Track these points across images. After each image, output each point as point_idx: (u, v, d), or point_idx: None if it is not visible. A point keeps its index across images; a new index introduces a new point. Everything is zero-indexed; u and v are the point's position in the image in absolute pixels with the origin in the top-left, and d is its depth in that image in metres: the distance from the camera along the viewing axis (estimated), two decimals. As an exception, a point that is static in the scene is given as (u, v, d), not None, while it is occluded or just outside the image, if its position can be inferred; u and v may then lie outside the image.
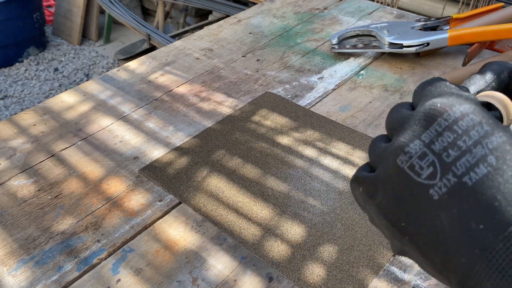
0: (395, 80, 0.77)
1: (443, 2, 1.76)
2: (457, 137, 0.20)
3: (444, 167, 0.20)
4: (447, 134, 0.21)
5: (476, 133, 0.20)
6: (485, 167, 0.19)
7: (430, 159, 0.21)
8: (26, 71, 2.67)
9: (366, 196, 0.24)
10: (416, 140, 0.22)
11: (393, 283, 0.45)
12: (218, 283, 0.45)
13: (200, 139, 0.63)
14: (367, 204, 0.24)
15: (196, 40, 0.90)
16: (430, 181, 0.20)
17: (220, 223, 0.51)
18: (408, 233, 0.22)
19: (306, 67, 0.81)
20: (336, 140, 0.63)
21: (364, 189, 0.24)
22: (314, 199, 0.53)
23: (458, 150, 0.20)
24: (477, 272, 0.19)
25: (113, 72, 0.80)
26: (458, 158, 0.20)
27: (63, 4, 2.93)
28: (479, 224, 0.19)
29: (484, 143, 0.20)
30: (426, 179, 0.21)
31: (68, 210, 0.53)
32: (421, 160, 0.21)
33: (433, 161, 0.21)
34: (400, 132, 0.23)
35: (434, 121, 0.21)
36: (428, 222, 0.21)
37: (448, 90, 0.23)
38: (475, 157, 0.20)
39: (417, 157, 0.21)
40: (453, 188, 0.20)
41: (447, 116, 0.21)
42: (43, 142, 0.64)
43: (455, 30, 0.77)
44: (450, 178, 0.20)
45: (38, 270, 0.46)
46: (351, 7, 1.02)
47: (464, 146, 0.20)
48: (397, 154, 0.22)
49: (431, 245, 0.21)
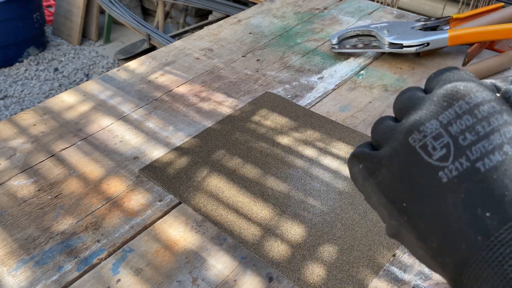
0: (395, 80, 0.77)
1: (443, 2, 1.76)
2: (477, 121, 0.20)
3: (459, 150, 0.20)
4: (467, 118, 0.20)
5: (495, 120, 0.20)
6: (500, 155, 0.19)
7: (445, 140, 0.20)
8: (26, 71, 2.67)
9: (366, 173, 0.24)
10: (433, 119, 0.21)
11: (393, 283, 0.45)
12: (218, 283, 0.45)
13: (200, 139, 0.63)
14: (366, 181, 0.24)
15: (196, 40, 0.90)
16: (441, 163, 0.20)
17: (220, 223, 0.51)
18: (408, 214, 0.21)
19: (306, 67, 0.81)
20: (336, 140, 0.63)
21: (364, 166, 0.24)
22: (314, 199, 0.53)
23: (475, 134, 0.20)
24: (476, 260, 0.18)
25: (113, 72, 0.80)
26: (474, 143, 0.20)
27: (63, 4, 2.93)
28: (485, 212, 0.19)
29: (502, 132, 0.20)
30: (438, 160, 0.20)
31: (68, 210, 0.53)
32: (436, 140, 0.21)
33: (448, 142, 0.20)
34: (414, 111, 0.22)
35: (455, 102, 0.21)
36: (432, 204, 0.20)
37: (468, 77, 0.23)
38: (492, 144, 0.19)
39: (431, 137, 0.21)
40: (464, 172, 0.20)
41: (469, 99, 0.21)
42: (43, 142, 0.64)
43: (455, 30, 0.77)
44: (463, 162, 0.20)
45: (38, 270, 0.46)
46: (351, 7, 1.02)
47: (482, 131, 0.20)
48: (410, 132, 0.21)
49: (431, 228, 0.20)
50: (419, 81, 0.76)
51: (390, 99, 0.72)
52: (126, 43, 2.94)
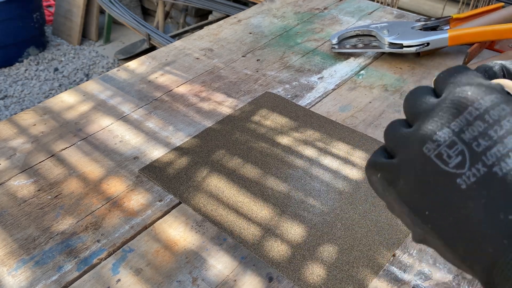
0: (395, 80, 0.77)
1: (443, 2, 1.76)
2: (488, 126, 0.20)
3: (474, 156, 0.20)
4: (478, 124, 0.20)
5: (507, 123, 0.20)
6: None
7: (460, 148, 0.20)
8: (26, 71, 2.67)
9: (385, 183, 0.24)
10: (444, 128, 0.21)
11: (393, 283, 0.45)
12: (218, 283, 0.45)
13: (200, 139, 0.63)
14: (387, 191, 0.24)
15: (196, 40, 0.90)
16: (458, 170, 0.20)
17: (220, 223, 0.51)
18: (431, 222, 0.21)
19: (306, 67, 0.81)
20: (336, 140, 0.63)
21: (382, 175, 0.24)
22: (314, 199, 0.53)
23: (489, 140, 0.20)
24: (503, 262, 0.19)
25: (113, 72, 0.80)
26: (489, 148, 0.20)
27: (63, 4, 2.93)
28: (508, 215, 0.19)
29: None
30: (454, 168, 0.20)
31: (68, 210, 0.53)
32: (450, 149, 0.21)
33: (463, 150, 0.20)
34: (426, 119, 0.22)
35: (464, 109, 0.21)
36: (454, 211, 0.20)
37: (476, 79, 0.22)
38: (507, 147, 0.19)
39: (445, 146, 0.21)
40: (482, 177, 0.20)
41: (478, 105, 0.21)
42: (43, 142, 0.64)
43: (455, 30, 0.77)
44: (479, 168, 0.20)
45: (38, 270, 0.46)
46: (351, 7, 1.02)
47: (495, 136, 0.20)
48: (424, 142, 0.21)
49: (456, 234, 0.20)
50: (419, 81, 0.76)
51: (390, 99, 0.72)
52: (126, 43, 2.94)
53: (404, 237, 0.49)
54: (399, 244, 0.48)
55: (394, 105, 0.71)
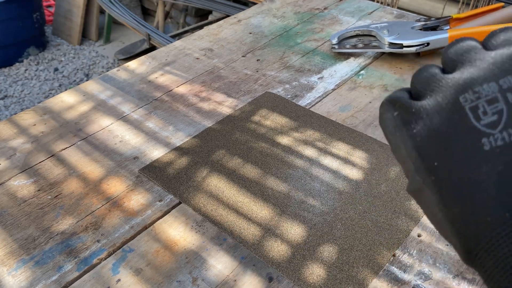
0: (395, 80, 0.77)
1: (443, 2, 1.76)
2: None
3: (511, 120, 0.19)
4: None
5: None
6: None
7: (500, 107, 0.19)
8: (26, 71, 2.67)
9: (401, 122, 0.22)
10: (492, 82, 0.19)
11: (393, 283, 0.45)
12: (218, 283, 0.45)
13: (200, 139, 0.63)
14: (398, 131, 0.22)
15: (196, 40, 0.90)
16: (489, 129, 0.19)
17: (220, 223, 0.51)
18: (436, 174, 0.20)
19: (306, 67, 0.81)
20: (336, 140, 0.63)
21: (400, 114, 0.22)
22: (314, 199, 0.53)
23: None
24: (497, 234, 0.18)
25: (113, 72, 0.80)
26: None
27: (63, 4, 2.93)
28: None
29: None
30: (485, 126, 0.19)
31: (68, 210, 0.53)
32: (490, 104, 0.19)
33: (502, 109, 0.19)
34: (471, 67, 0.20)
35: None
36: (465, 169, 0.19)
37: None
38: None
39: (485, 100, 0.19)
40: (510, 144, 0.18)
41: None
42: (43, 142, 0.64)
43: (455, 30, 0.77)
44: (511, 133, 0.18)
45: (38, 270, 0.46)
46: (351, 7, 1.02)
47: None
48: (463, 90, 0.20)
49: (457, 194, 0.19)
50: (419, 81, 0.76)
51: (390, 99, 0.72)
52: (126, 43, 2.94)
53: (404, 237, 0.49)
54: (399, 244, 0.48)
55: (394, 105, 0.71)
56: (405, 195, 0.54)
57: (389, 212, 0.52)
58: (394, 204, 0.53)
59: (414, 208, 0.52)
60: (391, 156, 0.60)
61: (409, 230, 0.50)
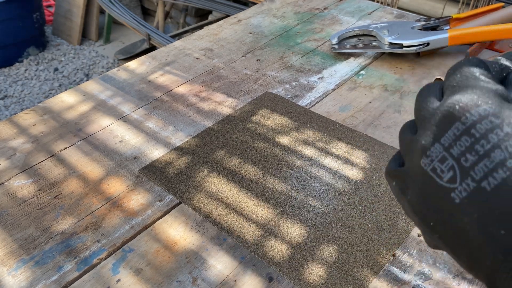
0: (395, 80, 0.77)
1: (443, 2, 1.76)
2: (475, 141, 0.20)
3: (463, 171, 0.20)
4: (465, 139, 0.20)
5: (495, 136, 0.20)
6: (504, 171, 0.19)
7: (450, 163, 0.21)
8: (26, 71, 2.67)
9: (399, 191, 0.24)
10: (436, 143, 0.21)
11: (393, 283, 0.45)
12: (218, 283, 0.45)
13: (200, 139, 0.63)
14: (400, 199, 0.24)
15: (196, 40, 0.90)
16: (451, 184, 0.20)
17: (220, 223, 0.51)
18: (437, 231, 0.22)
19: (306, 67, 0.81)
20: (336, 140, 0.63)
21: (396, 184, 0.25)
22: (314, 199, 0.53)
23: (476, 154, 0.20)
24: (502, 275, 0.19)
25: (113, 72, 0.80)
26: (476, 163, 0.20)
27: (63, 4, 2.93)
28: (499, 230, 0.19)
29: (504, 147, 0.19)
30: (448, 182, 0.21)
31: (68, 210, 0.53)
32: (442, 163, 0.21)
33: (453, 165, 0.21)
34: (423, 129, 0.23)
35: (452, 124, 0.21)
36: (453, 224, 0.21)
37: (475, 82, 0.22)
38: (493, 161, 0.19)
39: (438, 161, 0.21)
40: (472, 193, 0.20)
41: (465, 119, 0.21)
42: (43, 142, 0.64)
43: (455, 30, 0.77)
44: (469, 183, 0.20)
45: (38, 270, 0.46)
46: (351, 7, 1.02)
47: (482, 150, 0.20)
48: (420, 156, 0.22)
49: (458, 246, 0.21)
50: (419, 81, 0.76)
51: (390, 99, 0.72)
52: (126, 43, 2.94)
53: (404, 237, 0.49)
54: (399, 244, 0.48)
55: (394, 105, 0.71)
56: (405, 195, 0.54)
57: (389, 212, 0.52)
58: (394, 204, 0.53)
59: (414, 208, 0.52)
60: (391, 156, 0.60)
61: (409, 230, 0.50)
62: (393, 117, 0.68)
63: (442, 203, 0.21)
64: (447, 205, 0.21)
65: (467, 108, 0.21)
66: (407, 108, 0.70)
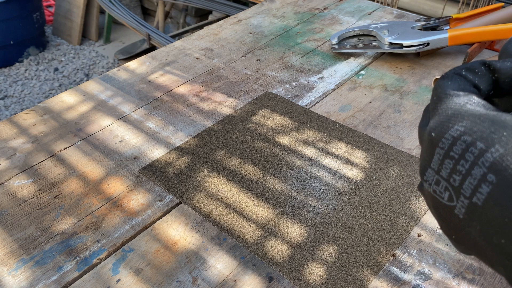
0: (395, 80, 0.77)
1: (443, 2, 1.76)
2: (456, 162, 0.21)
3: (455, 190, 0.21)
4: (447, 161, 0.22)
5: (471, 154, 0.20)
6: (487, 186, 0.20)
7: (444, 184, 0.22)
8: (26, 71, 2.67)
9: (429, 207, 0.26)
10: (428, 168, 0.23)
11: (393, 283, 0.45)
12: (218, 283, 0.45)
13: (200, 139, 0.63)
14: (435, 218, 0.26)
15: (196, 40, 0.90)
16: (451, 203, 0.22)
17: (220, 223, 0.51)
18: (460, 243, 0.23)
19: (306, 67, 0.81)
20: (336, 140, 0.63)
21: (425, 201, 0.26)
22: (314, 199, 0.53)
23: (460, 174, 0.21)
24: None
25: (113, 72, 0.80)
26: (462, 182, 0.21)
27: (63, 4, 2.93)
28: (500, 239, 0.19)
29: (481, 163, 0.20)
30: (448, 201, 0.22)
31: (68, 210, 0.53)
32: (438, 185, 0.22)
33: (446, 186, 0.22)
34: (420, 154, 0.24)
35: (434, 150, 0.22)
36: (466, 237, 0.22)
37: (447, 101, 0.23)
38: (476, 178, 0.20)
39: (434, 184, 0.22)
40: (468, 208, 0.21)
41: (442, 144, 0.22)
42: (43, 142, 0.64)
43: (455, 30, 0.77)
44: (463, 200, 0.21)
45: (38, 270, 0.46)
46: (351, 7, 1.02)
47: (463, 170, 0.21)
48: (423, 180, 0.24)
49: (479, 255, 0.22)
50: (419, 81, 0.76)
51: (390, 99, 0.72)
52: (126, 43, 2.94)
53: (404, 237, 0.49)
54: (399, 244, 0.48)
55: (394, 105, 0.71)
56: (405, 195, 0.54)
57: (389, 212, 0.52)
58: (394, 204, 0.53)
59: (414, 208, 0.52)
60: (391, 156, 0.60)
61: (409, 230, 0.50)
62: (393, 117, 0.68)
63: (452, 219, 0.22)
64: (456, 221, 0.22)
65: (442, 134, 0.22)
66: (407, 108, 0.70)
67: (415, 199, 0.53)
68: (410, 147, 0.62)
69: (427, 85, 0.75)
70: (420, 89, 0.74)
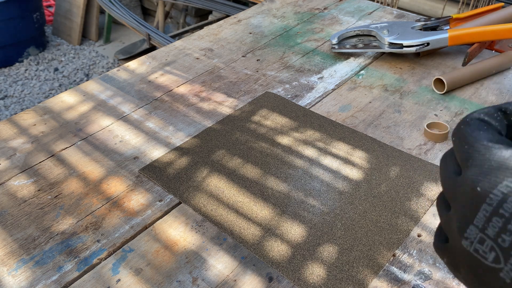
0: (395, 80, 0.77)
1: (443, 2, 1.76)
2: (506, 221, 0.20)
3: (504, 252, 0.20)
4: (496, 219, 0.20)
5: None
6: None
7: (489, 244, 0.20)
8: (26, 71, 2.67)
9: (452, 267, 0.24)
10: (470, 225, 0.21)
11: (393, 283, 0.45)
12: (218, 283, 0.45)
13: (200, 139, 0.63)
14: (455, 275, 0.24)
15: (196, 40, 0.90)
16: (497, 265, 0.20)
17: (220, 223, 0.51)
18: None
19: (306, 67, 0.81)
20: (336, 140, 0.63)
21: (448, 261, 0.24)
22: (314, 199, 0.53)
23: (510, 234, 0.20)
24: None
25: (113, 72, 0.80)
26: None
27: (63, 4, 2.93)
28: None
29: None
30: (493, 262, 0.20)
31: (68, 210, 0.53)
32: (482, 244, 0.21)
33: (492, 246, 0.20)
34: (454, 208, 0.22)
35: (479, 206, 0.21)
36: None
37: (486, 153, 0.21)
38: None
39: (477, 242, 0.21)
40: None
41: (490, 201, 0.20)
42: (43, 142, 0.64)
43: (455, 30, 0.77)
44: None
45: (38, 270, 0.46)
46: (351, 7, 1.02)
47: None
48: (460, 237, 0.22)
49: None
50: (419, 81, 0.76)
51: (390, 99, 0.72)
52: (126, 43, 2.94)
53: (404, 237, 0.49)
54: (399, 244, 0.48)
55: (394, 105, 0.71)
56: (405, 195, 0.54)
57: (389, 212, 0.52)
58: (394, 204, 0.53)
59: (414, 208, 0.52)
60: (391, 156, 0.60)
61: (409, 230, 0.50)
62: (393, 117, 0.68)
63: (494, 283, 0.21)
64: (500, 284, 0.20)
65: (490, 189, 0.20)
66: (407, 108, 0.70)
67: (415, 199, 0.53)
68: (410, 147, 0.62)
69: (427, 85, 0.75)
70: (420, 89, 0.74)
